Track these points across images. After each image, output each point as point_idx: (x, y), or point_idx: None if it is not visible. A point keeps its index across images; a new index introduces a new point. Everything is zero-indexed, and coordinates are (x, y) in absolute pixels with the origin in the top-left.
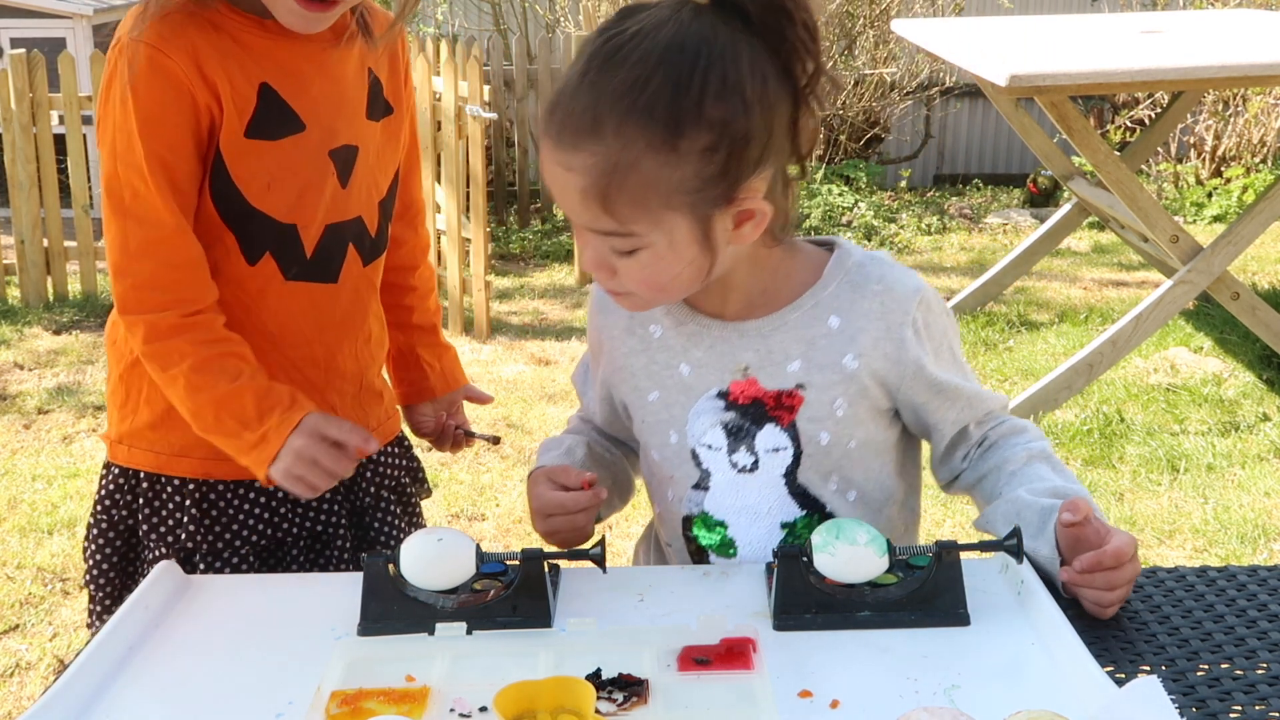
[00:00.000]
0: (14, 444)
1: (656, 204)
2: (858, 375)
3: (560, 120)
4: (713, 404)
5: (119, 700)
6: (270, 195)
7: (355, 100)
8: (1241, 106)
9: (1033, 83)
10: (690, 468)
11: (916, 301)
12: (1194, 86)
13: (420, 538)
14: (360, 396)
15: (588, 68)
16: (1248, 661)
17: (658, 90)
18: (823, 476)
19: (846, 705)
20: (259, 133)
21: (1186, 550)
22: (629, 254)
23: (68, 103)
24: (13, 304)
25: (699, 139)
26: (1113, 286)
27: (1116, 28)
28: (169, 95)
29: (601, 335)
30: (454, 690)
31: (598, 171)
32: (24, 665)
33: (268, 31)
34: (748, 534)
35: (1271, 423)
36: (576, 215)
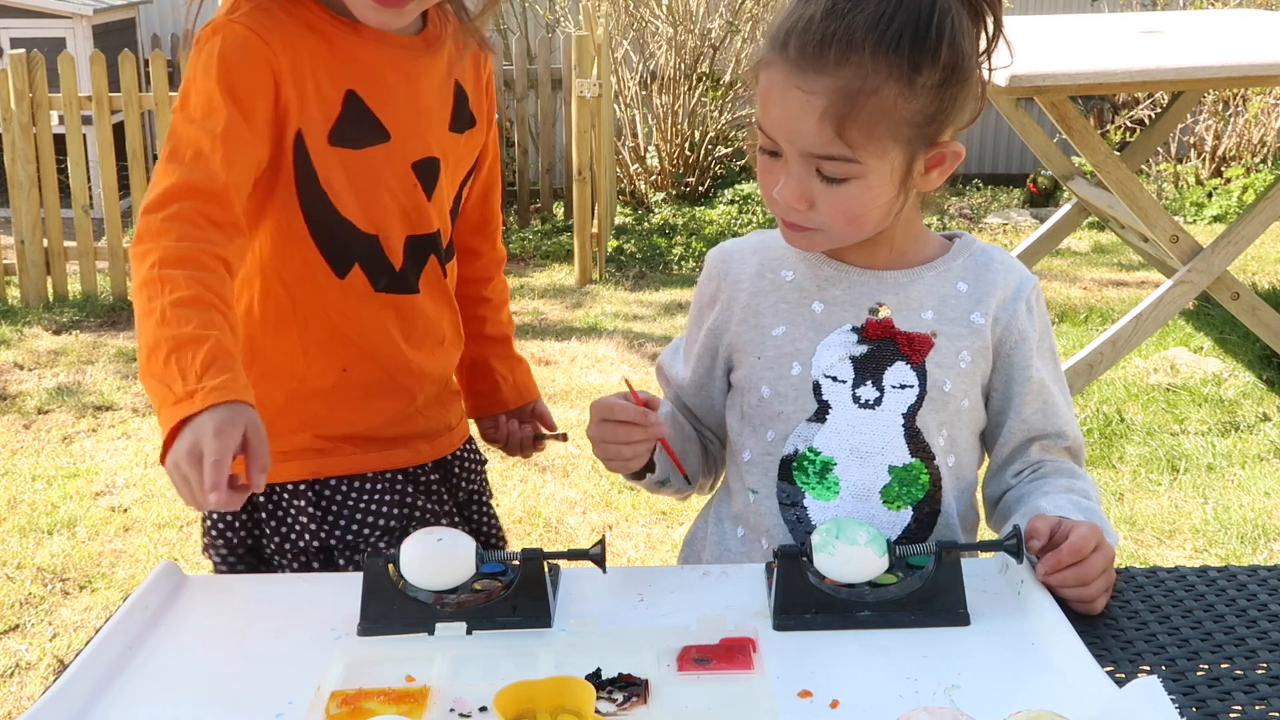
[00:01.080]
0: (14, 444)
1: (884, 132)
2: (982, 331)
3: (802, 45)
4: (845, 337)
5: (119, 700)
6: (355, 204)
7: (440, 112)
8: (1241, 106)
9: (1032, 83)
10: (809, 400)
11: (1031, 286)
12: (1194, 87)
13: (420, 537)
14: (443, 396)
15: (830, 4)
16: (1248, 661)
17: (902, 27)
18: (938, 425)
19: (846, 705)
20: (342, 140)
21: (1187, 550)
22: (839, 182)
23: (67, 103)
24: (12, 304)
25: (933, 76)
26: (1112, 286)
27: (1116, 28)
28: (256, 75)
29: (722, 284)
30: (454, 690)
31: (841, 94)
32: (24, 665)
33: (361, 37)
34: (854, 475)
35: (1271, 423)
36: (804, 139)
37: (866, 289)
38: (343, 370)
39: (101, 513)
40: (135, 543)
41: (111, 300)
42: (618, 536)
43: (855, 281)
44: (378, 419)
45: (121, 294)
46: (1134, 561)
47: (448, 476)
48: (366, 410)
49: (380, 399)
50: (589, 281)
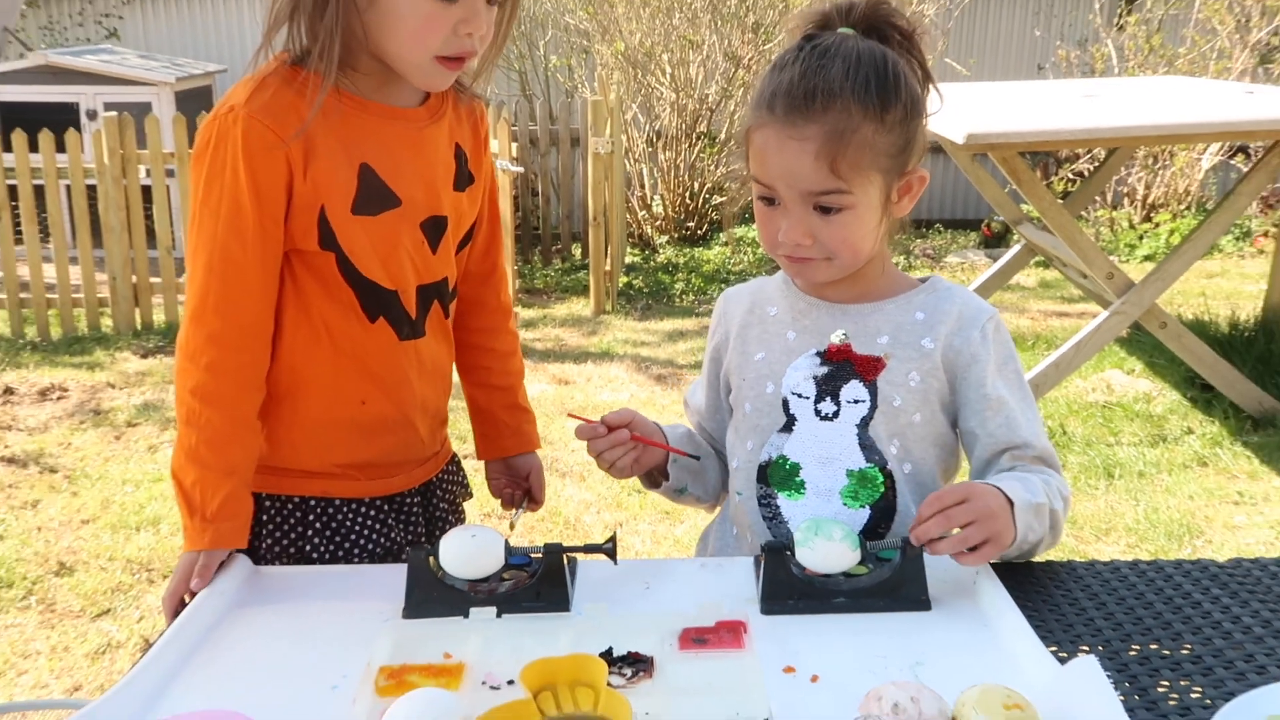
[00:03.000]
0: (106, 453)
1: (868, 163)
2: (932, 354)
3: (789, 102)
4: (810, 360)
5: (196, 675)
6: (375, 264)
7: (444, 174)
8: (1169, 160)
9: (987, 140)
10: (779, 414)
11: (989, 317)
12: (1127, 144)
13: (457, 534)
14: (434, 425)
15: (804, 68)
16: (1174, 643)
17: (867, 76)
18: (889, 435)
19: (825, 679)
20: (363, 209)
21: (1120, 546)
22: (835, 213)
23: (154, 158)
24: (106, 332)
25: (898, 112)
26: (1056, 317)
27: (1059, 93)
28: (277, 171)
29: (722, 321)
30: (485, 666)
31: (830, 135)
32: (114, 644)
33: (369, 114)
34: (816, 476)
35: (1195, 435)
36: (803, 180)
37: (832, 319)
38: (361, 403)
39: None
40: None
41: None
42: (627, 533)
43: (824, 313)
44: (384, 448)
45: None
46: (1074, 556)
47: (429, 499)
48: (376, 441)
49: (390, 432)
50: (603, 312)
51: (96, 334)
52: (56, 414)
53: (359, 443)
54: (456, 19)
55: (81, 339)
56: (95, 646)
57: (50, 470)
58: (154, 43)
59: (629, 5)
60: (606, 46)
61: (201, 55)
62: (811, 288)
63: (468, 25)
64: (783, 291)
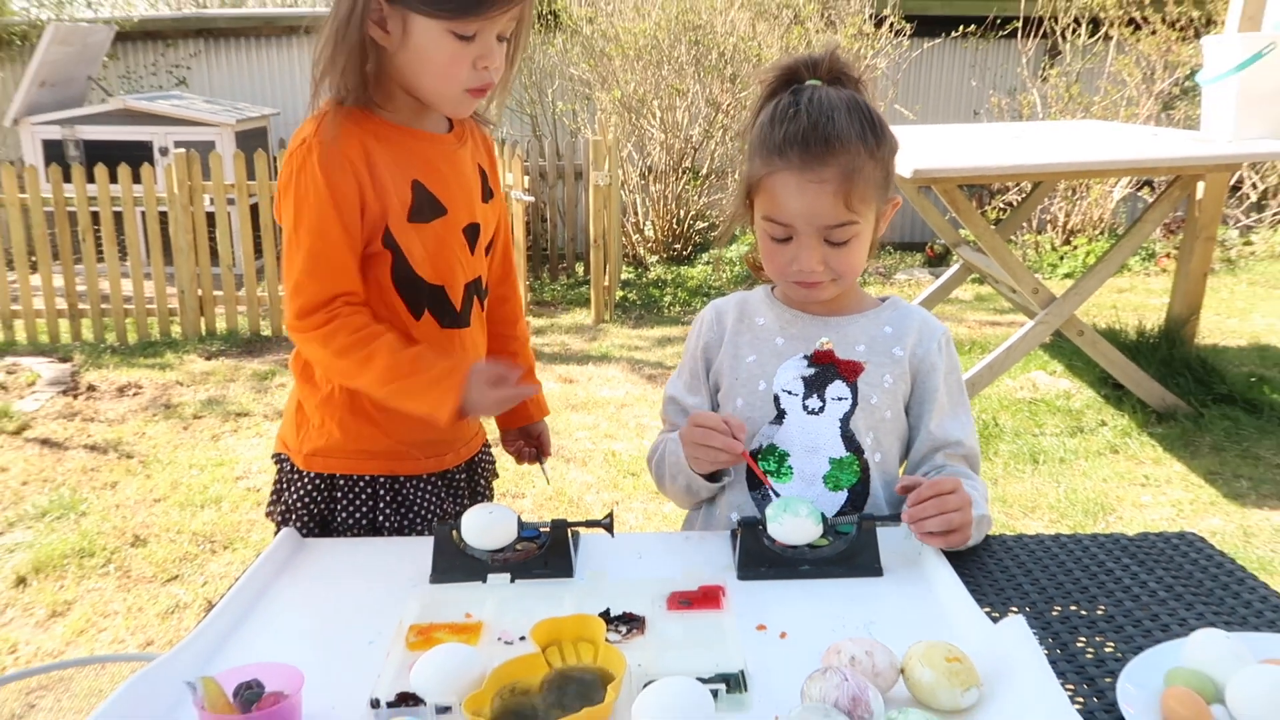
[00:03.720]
0: (175, 441)
1: (870, 195)
2: (901, 361)
3: (804, 151)
4: (798, 363)
5: (252, 631)
6: (426, 264)
7: (474, 188)
8: (1085, 192)
9: (930, 175)
10: (770, 408)
11: (943, 332)
12: (1050, 178)
13: (476, 510)
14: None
15: (814, 119)
16: (1090, 604)
17: (862, 120)
18: (866, 429)
19: (792, 635)
20: (417, 218)
21: (1044, 522)
22: (844, 244)
23: (216, 189)
24: (175, 338)
25: (884, 148)
26: (989, 326)
27: (992, 134)
28: (350, 185)
29: (714, 327)
30: (501, 624)
31: (843, 175)
32: (182, 605)
33: (416, 139)
34: (803, 463)
35: (1107, 427)
36: (821, 217)
37: (816, 328)
38: None
39: (240, 492)
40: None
41: (248, 335)
42: (622, 510)
43: (808, 323)
44: (435, 429)
45: (255, 330)
46: (1005, 530)
47: (472, 474)
48: (428, 421)
49: None
50: (602, 321)
51: (167, 339)
52: (133, 408)
53: (416, 424)
54: (475, 55)
55: (154, 344)
56: (165, 607)
57: (127, 456)
58: (217, 89)
59: (624, 59)
60: (605, 94)
61: (257, 100)
62: (795, 302)
63: (484, 60)
64: (768, 304)
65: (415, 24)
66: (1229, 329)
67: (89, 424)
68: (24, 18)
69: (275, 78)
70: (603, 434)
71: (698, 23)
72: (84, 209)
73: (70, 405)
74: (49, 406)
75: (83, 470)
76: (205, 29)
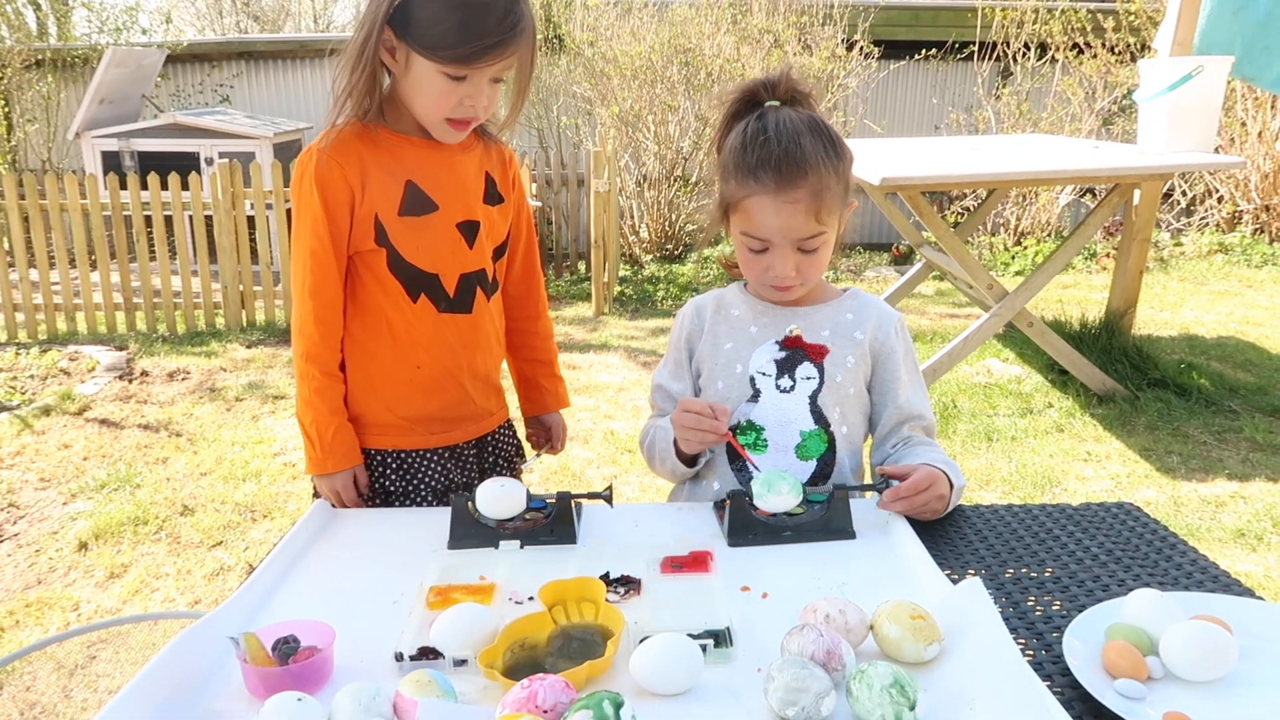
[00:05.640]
0: (219, 421)
1: (835, 207)
2: (862, 344)
3: (778, 174)
4: (771, 348)
5: (289, 592)
6: (419, 253)
7: (475, 190)
8: (1034, 199)
9: (896, 183)
10: (747, 388)
11: (898, 318)
12: (1002, 185)
13: (489, 484)
14: (486, 390)
15: (784, 146)
16: (1039, 567)
17: (824, 141)
18: (833, 404)
19: (773, 595)
20: (408, 211)
21: (997, 493)
22: (814, 252)
23: (257, 195)
24: (219, 329)
25: (843, 162)
26: (949, 318)
27: (951, 147)
28: (341, 191)
29: (699, 318)
30: (512, 585)
31: (813, 194)
32: (225, 568)
33: (414, 145)
34: (777, 436)
35: (1054, 408)
36: (795, 232)
37: (785, 318)
38: (417, 367)
39: (278, 467)
40: (300, 487)
41: (284, 326)
42: (621, 483)
43: (779, 313)
44: (439, 404)
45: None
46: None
47: (482, 451)
48: (432, 398)
49: (442, 389)
50: (601, 314)
51: (212, 330)
52: (181, 391)
53: (418, 399)
54: (464, 93)
55: (200, 334)
56: (211, 570)
57: (176, 435)
58: (257, 106)
59: (622, 78)
60: (605, 110)
61: (293, 115)
62: (770, 297)
63: (472, 99)
64: (742, 297)
65: (415, 60)
66: (1161, 321)
67: (143, 406)
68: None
69: (309, 95)
70: (603, 415)
71: (688, 46)
72: (138, 213)
73: (126, 389)
74: (107, 390)
75: (137, 447)
76: (246, 52)
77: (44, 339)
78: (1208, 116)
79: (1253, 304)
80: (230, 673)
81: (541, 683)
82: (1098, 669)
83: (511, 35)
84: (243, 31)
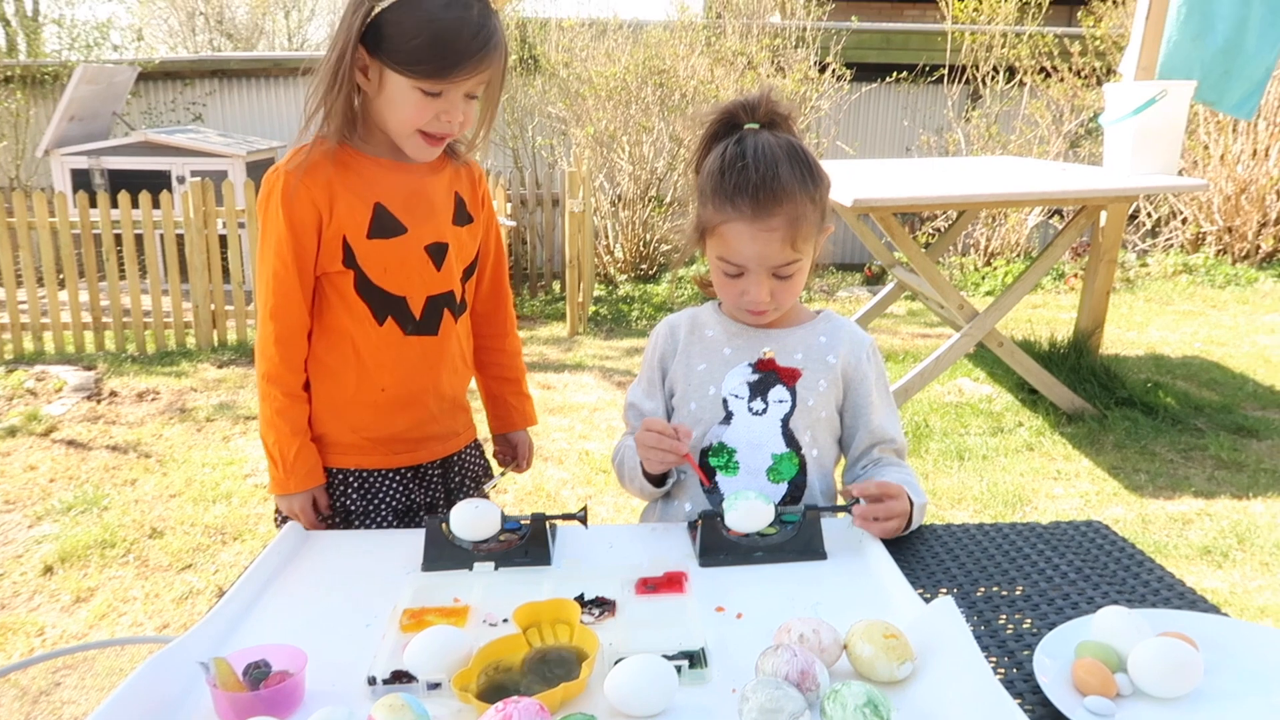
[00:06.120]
0: (190, 442)
1: (810, 234)
2: (834, 368)
3: (754, 202)
4: (744, 370)
5: (261, 616)
6: (386, 276)
7: (444, 211)
8: (1003, 219)
9: (869, 204)
10: (719, 410)
11: (870, 342)
12: (973, 207)
13: (464, 505)
14: (452, 410)
15: (761, 174)
16: (1010, 585)
17: (801, 168)
18: (804, 428)
19: (747, 616)
20: (376, 234)
21: (969, 512)
22: (789, 278)
23: (229, 214)
24: (190, 348)
25: (820, 189)
26: (920, 338)
27: (922, 168)
28: (307, 212)
29: (673, 338)
30: (486, 607)
31: (789, 222)
32: (195, 592)
33: (382, 166)
34: (748, 458)
35: (1024, 427)
36: (771, 259)
37: (759, 340)
38: (381, 390)
39: (249, 488)
40: (271, 509)
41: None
42: (595, 504)
43: (753, 335)
44: (403, 425)
45: None
46: (934, 520)
47: (448, 471)
48: (397, 419)
49: (406, 411)
50: (576, 333)
51: (182, 350)
52: (151, 412)
53: (382, 420)
54: (439, 109)
55: (171, 353)
56: (180, 594)
57: (146, 456)
58: (230, 124)
59: (597, 99)
60: (580, 130)
61: (266, 134)
62: (744, 319)
63: (447, 114)
64: (716, 318)
65: (389, 77)
66: (1128, 340)
67: (111, 426)
68: (56, 59)
69: (282, 114)
70: (577, 435)
71: (662, 67)
72: (108, 231)
73: (94, 409)
74: (75, 410)
75: (105, 469)
76: (220, 70)
77: (10, 359)
78: (1171, 140)
79: (1216, 324)
80: (200, 698)
81: (516, 705)
82: (1068, 686)
83: (485, 51)
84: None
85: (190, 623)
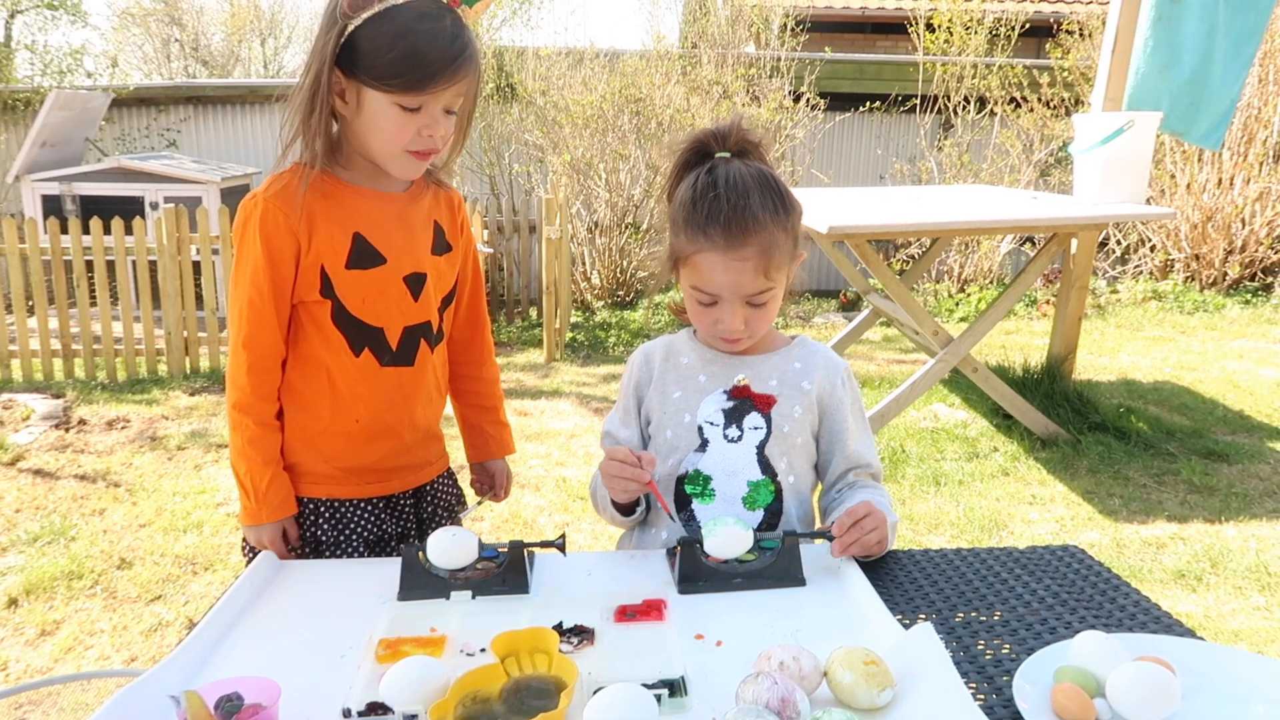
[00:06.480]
0: (160, 470)
1: (783, 262)
2: (809, 394)
3: (727, 232)
4: (719, 397)
5: (233, 648)
6: (365, 307)
7: (422, 241)
8: (976, 247)
9: (843, 231)
10: (695, 438)
11: (845, 367)
12: (946, 234)
13: (440, 533)
14: (425, 439)
15: (732, 205)
16: (988, 611)
17: (773, 197)
18: (780, 454)
19: (727, 643)
20: (355, 264)
21: (946, 537)
22: (762, 306)
23: (203, 240)
24: (161, 375)
25: (792, 217)
26: (895, 364)
27: (896, 196)
28: (285, 241)
29: (644, 368)
30: (463, 637)
31: (762, 251)
32: (164, 624)
33: (362, 195)
34: (724, 486)
35: (999, 452)
36: (745, 288)
37: (734, 366)
38: (355, 421)
39: (220, 518)
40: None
41: None
42: (573, 532)
43: (728, 362)
44: (376, 455)
45: None
46: (912, 545)
47: (420, 501)
48: (370, 449)
49: (380, 441)
50: (553, 360)
51: (154, 377)
52: (121, 440)
53: (355, 451)
54: (420, 124)
55: (142, 381)
56: (149, 626)
57: (115, 485)
58: (204, 150)
59: (574, 127)
60: (557, 157)
61: (241, 160)
62: (718, 346)
63: (429, 129)
64: (691, 345)
65: (367, 96)
66: (1100, 366)
67: (79, 455)
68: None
69: (257, 140)
70: (555, 462)
71: (638, 96)
72: (79, 258)
73: (62, 438)
74: (42, 439)
75: (73, 498)
76: (194, 96)
77: None
78: (1139, 169)
79: (1186, 349)
80: None
81: None
82: (1047, 712)
83: (461, 60)
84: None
85: (160, 655)
